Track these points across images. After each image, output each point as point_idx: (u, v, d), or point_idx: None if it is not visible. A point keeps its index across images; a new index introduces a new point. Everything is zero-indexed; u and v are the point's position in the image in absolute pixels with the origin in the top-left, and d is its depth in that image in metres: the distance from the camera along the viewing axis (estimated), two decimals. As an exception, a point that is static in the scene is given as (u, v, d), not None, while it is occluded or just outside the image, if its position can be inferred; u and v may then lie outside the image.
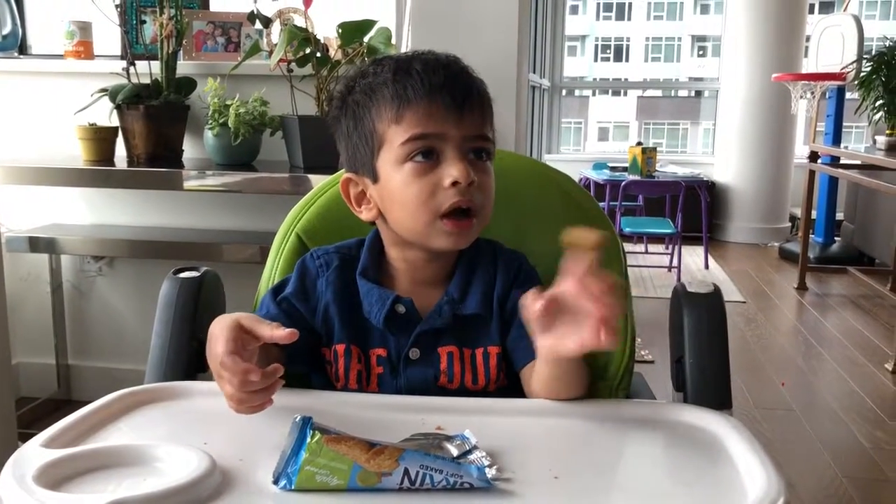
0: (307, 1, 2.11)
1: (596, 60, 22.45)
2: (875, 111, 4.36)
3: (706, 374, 1.00)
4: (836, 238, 5.42)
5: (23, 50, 2.79)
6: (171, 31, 2.28)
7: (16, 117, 2.58)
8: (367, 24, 2.06)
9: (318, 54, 2.12)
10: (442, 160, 0.91)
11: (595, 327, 0.75)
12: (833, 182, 5.24)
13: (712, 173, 6.36)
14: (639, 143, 5.31)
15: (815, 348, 3.62)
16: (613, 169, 5.40)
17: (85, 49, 2.55)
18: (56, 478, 0.68)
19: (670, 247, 5.15)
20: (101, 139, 2.32)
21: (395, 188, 0.93)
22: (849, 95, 5.03)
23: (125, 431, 0.81)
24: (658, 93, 22.20)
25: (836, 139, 5.01)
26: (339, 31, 2.06)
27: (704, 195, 4.89)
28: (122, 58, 2.42)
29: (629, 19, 22.79)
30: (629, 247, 5.38)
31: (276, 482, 0.68)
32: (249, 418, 0.81)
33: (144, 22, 2.48)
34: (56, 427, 0.78)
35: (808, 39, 5.61)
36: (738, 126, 6.18)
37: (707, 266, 5.16)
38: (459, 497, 0.68)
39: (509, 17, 2.42)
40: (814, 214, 5.14)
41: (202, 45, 2.50)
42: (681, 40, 22.25)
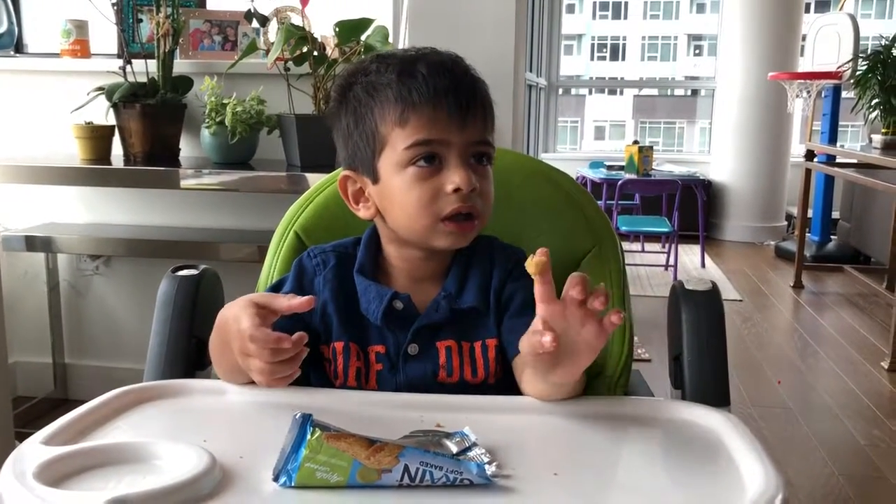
0: (304, -1, 2.11)
1: (592, 59, 22.50)
2: (871, 110, 4.37)
3: (704, 371, 1.01)
4: (832, 236, 5.43)
5: (19, 48, 2.79)
6: (168, 29, 2.28)
7: (12, 116, 2.58)
8: (364, 23, 2.06)
9: (315, 53, 2.12)
10: (444, 165, 0.92)
11: (599, 334, 0.75)
12: (829, 181, 5.25)
13: (709, 172, 6.36)
14: (635, 142, 5.32)
15: (811, 346, 3.63)
16: (610, 168, 5.42)
17: (81, 47, 2.55)
18: (56, 475, 0.68)
19: (667, 245, 5.17)
20: (97, 138, 2.32)
21: (396, 191, 0.93)
22: (845, 94, 5.04)
23: (125, 429, 0.81)
24: (654, 91, 22.25)
25: (833, 138, 5.01)
26: (336, 29, 2.07)
27: (701, 194, 4.90)
28: (119, 56, 2.42)
29: (625, 18, 22.83)
30: (625, 246, 5.38)
31: (276, 479, 0.68)
32: (248, 416, 0.81)
33: (141, 20, 2.47)
34: (56, 424, 0.78)
35: (804, 38, 5.62)
36: (734, 125, 6.19)
37: (704, 265, 5.17)
38: (459, 494, 0.68)
39: (506, 15, 2.42)
40: (810, 213, 5.15)
41: (199, 43, 2.50)
42: (677, 39, 22.30)
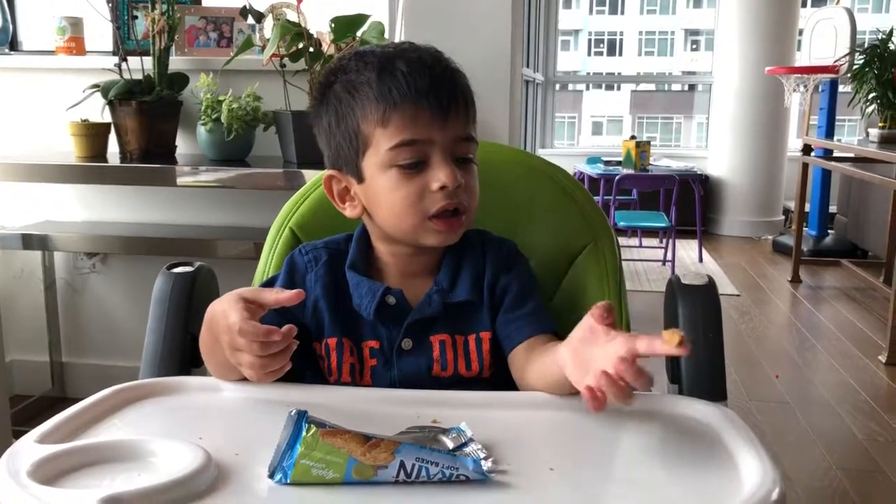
0: (300, -5, 2.10)
1: (589, 55, 22.46)
2: (868, 104, 4.37)
3: (701, 365, 1.01)
4: (829, 231, 5.44)
5: (14, 46, 2.78)
6: (163, 26, 2.27)
7: (7, 114, 2.57)
8: (359, 19, 2.06)
9: (311, 49, 2.11)
10: (428, 164, 0.92)
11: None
12: (826, 175, 5.25)
13: (706, 167, 6.36)
14: (632, 137, 5.31)
15: (808, 341, 3.63)
16: (607, 163, 5.41)
17: (76, 45, 2.54)
18: (51, 473, 0.68)
19: (664, 240, 5.16)
20: (93, 135, 2.32)
21: (382, 191, 0.93)
22: (842, 88, 5.03)
23: (120, 427, 0.81)
24: (651, 87, 22.21)
25: (830, 132, 5.01)
26: (332, 25, 2.06)
27: (698, 189, 4.90)
28: (114, 53, 2.42)
29: (622, 13, 22.79)
30: (623, 241, 5.38)
31: (271, 476, 0.68)
32: (244, 413, 0.81)
33: (136, 17, 2.47)
34: (51, 422, 0.77)
35: (800, 32, 5.62)
36: (731, 119, 6.19)
37: (701, 259, 5.17)
38: (455, 490, 0.68)
39: (503, 11, 2.42)
40: (807, 207, 5.15)
41: (194, 40, 2.49)
42: (674, 34, 22.27)
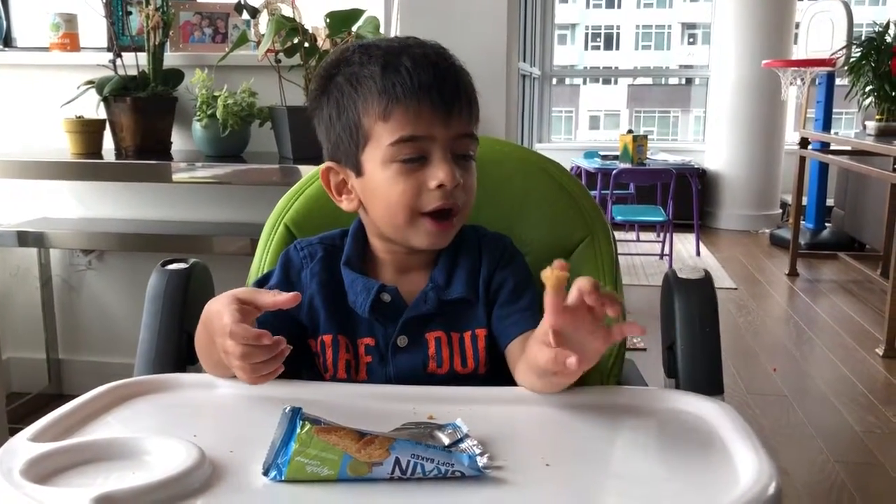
0: (294, -10, 2.09)
1: (586, 49, 22.45)
2: (865, 97, 4.36)
3: (698, 360, 1.00)
4: (826, 224, 5.44)
5: (7, 42, 2.77)
6: (158, 22, 2.26)
7: (2, 111, 2.56)
8: (355, 14, 2.05)
9: (307, 44, 2.10)
10: (428, 161, 0.91)
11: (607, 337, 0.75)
12: (823, 168, 5.25)
13: (703, 161, 6.36)
14: (629, 131, 5.31)
15: (806, 334, 3.64)
16: (604, 157, 5.40)
17: (71, 41, 2.53)
18: (44, 472, 0.68)
19: (662, 234, 5.16)
20: (88, 132, 2.31)
21: (380, 185, 0.93)
22: (839, 81, 5.03)
23: (114, 425, 0.81)
24: (648, 81, 22.22)
25: (827, 125, 5.01)
26: (327, 20, 2.05)
27: (695, 183, 4.90)
28: (109, 49, 2.41)
29: (619, 7, 22.78)
30: (620, 235, 5.39)
31: (266, 473, 0.68)
32: (238, 410, 0.80)
33: (130, 13, 2.45)
34: (44, 421, 0.77)
35: (797, 26, 5.61)
36: (728, 113, 6.18)
37: (699, 253, 5.17)
38: (451, 486, 0.67)
39: (499, 4, 2.41)
40: (804, 201, 5.14)
41: (189, 36, 2.49)
42: (671, 28, 22.26)
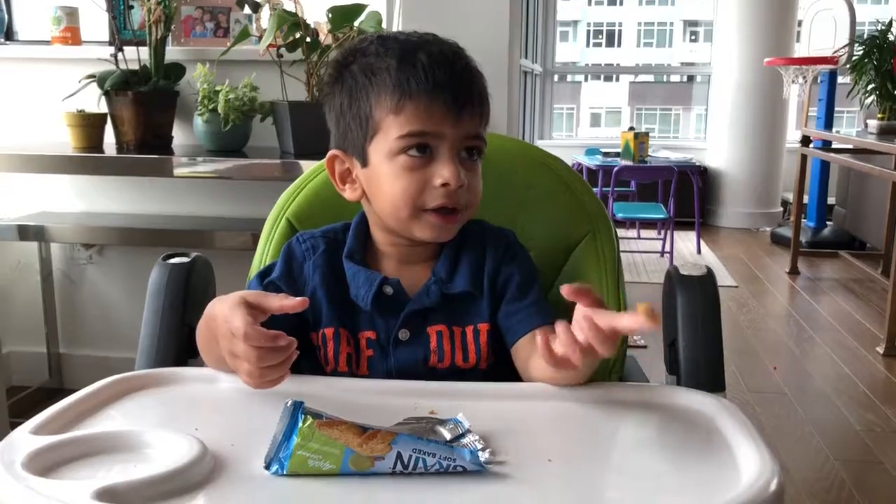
0: (297, -15, 2.09)
1: (588, 46, 22.43)
2: (867, 95, 4.36)
3: (699, 356, 1.00)
4: (827, 222, 5.44)
5: (9, 36, 2.76)
6: (160, 16, 2.26)
7: (3, 104, 2.56)
8: (357, 9, 2.05)
9: (308, 39, 2.10)
10: (435, 158, 0.91)
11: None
12: (825, 166, 5.24)
13: (704, 158, 6.35)
14: (631, 129, 5.30)
15: (806, 332, 3.64)
16: (606, 154, 5.40)
17: (72, 35, 2.52)
18: (46, 464, 0.68)
19: (663, 232, 5.16)
20: (89, 126, 2.30)
21: (384, 178, 0.93)
22: (841, 80, 5.03)
23: (115, 418, 0.81)
24: (650, 78, 22.18)
25: (828, 123, 5.01)
26: (329, 15, 2.05)
27: (697, 180, 4.90)
28: (110, 43, 2.40)
29: (621, 4, 22.76)
30: (621, 232, 5.38)
31: (267, 467, 0.68)
32: (240, 404, 0.80)
33: (132, 7, 2.45)
34: (46, 413, 0.77)
35: (800, 23, 5.60)
36: (730, 111, 6.18)
37: (699, 251, 5.17)
38: (452, 481, 0.67)
39: (501, 1, 2.40)
40: (806, 199, 5.14)
41: (191, 30, 2.48)
42: (673, 25, 22.24)
